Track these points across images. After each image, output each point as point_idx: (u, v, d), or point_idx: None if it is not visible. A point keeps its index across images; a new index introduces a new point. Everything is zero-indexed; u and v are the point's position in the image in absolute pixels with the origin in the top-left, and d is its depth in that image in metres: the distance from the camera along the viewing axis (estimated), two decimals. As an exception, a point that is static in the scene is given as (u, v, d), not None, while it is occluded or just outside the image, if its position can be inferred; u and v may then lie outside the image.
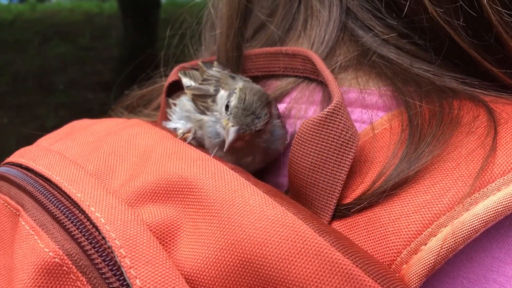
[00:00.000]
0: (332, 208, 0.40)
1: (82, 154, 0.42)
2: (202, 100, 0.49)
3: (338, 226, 0.40)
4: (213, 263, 0.33)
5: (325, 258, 0.32)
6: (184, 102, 0.51)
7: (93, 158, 0.41)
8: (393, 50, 0.47)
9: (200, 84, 0.51)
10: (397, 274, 0.35)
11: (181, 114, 0.51)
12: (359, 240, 0.38)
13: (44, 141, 0.47)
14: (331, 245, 0.32)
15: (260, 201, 0.34)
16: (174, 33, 0.64)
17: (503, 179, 0.35)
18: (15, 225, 0.37)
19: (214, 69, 0.53)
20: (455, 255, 0.35)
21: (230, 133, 0.43)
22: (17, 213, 0.38)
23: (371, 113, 0.45)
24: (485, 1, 0.42)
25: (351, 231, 0.38)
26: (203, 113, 0.49)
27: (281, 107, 0.51)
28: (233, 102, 0.45)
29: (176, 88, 0.55)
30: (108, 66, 7.51)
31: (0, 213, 0.39)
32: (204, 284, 0.33)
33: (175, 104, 0.52)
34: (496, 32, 0.43)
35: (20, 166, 0.42)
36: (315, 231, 0.33)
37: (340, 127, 0.40)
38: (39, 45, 8.42)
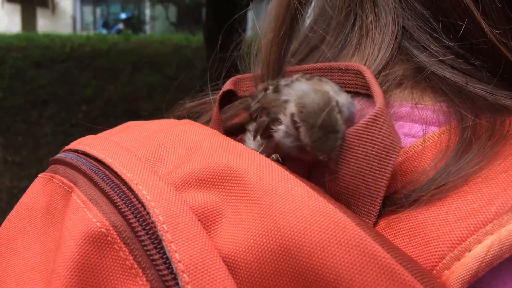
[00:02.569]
0: (375, 214, 0.40)
1: (134, 145, 0.44)
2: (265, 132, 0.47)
3: (379, 229, 0.40)
4: (252, 247, 0.33)
5: (364, 249, 0.32)
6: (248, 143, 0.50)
7: (143, 148, 0.43)
8: (448, 69, 0.46)
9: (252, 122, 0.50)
10: (438, 280, 0.35)
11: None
12: (399, 244, 0.38)
13: (102, 135, 0.50)
14: (371, 238, 0.32)
15: (302, 192, 0.35)
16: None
17: None
18: (68, 201, 0.39)
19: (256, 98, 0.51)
20: (501, 271, 0.35)
21: None
22: (70, 190, 0.40)
23: (423, 127, 0.44)
24: None
25: (393, 235, 0.38)
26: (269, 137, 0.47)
27: None
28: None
29: (229, 100, 0.55)
30: (190, 95, 7.78)
31: (54, 192, 0.42)
32: (241, 267, 0.33)
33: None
34: None
35: (77, 151, 0.45)
36: (355, 224, 0.33)
37: (382, 133, 0.39)
38: (131, 74, 8.96)
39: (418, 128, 0.45)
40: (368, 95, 0.46)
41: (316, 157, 0.41)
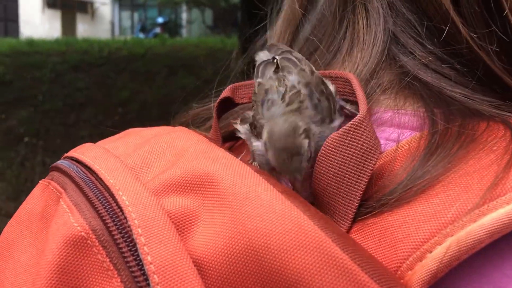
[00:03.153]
0: (351, 216, 0.42)
1: (126, 152, 0.47)
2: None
3: (354, 232, 0.42)
4: (222, 249, 0.35)
5: (323, 251, 0.34)
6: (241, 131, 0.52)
7: (134, 154, 0.46)
8: (430, 74, 0.48)
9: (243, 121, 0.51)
10: (401, 281, 0.36)
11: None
12: (370, 246, 0.39)
13: (101, 143, 0.53)
14: (332, 241, 0.34)
15: (270, 197, 0.37)
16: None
17: None
18: (57, 206, 0.42)
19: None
20: (465, 271, 0.36)
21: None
22: (60, 196, 0.43)
23: (399, 132, 0.46)
24: None
25: (365, 238, 0.40)
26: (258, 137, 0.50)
27: None
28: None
29: (228, 107, 0.57)
30: (196, 101, 7.83)
31: (49, 198, 0.45)
32: (211, 268, 0.35)
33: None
34: None
35: (71, 158, 0.47)
36: (319, 228, 0.35)
37: (362, 139, 0.42)
38: (166, 77, 9.07)
39: (397, 133, 0.46)
40: (356, 102, 0.47)
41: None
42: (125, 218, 0.37)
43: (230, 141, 0.60)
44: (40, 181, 0.49)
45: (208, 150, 0.44)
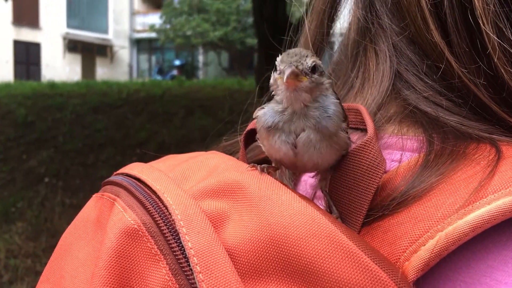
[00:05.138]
0: (360, 223, 0.49)
1: (167, 169, 0.56)
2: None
3: (361, 235, 0.49)
4: (249, 240, 0.42)
5: (333, 239, 0.41)
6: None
7: (174, 170, 0.55)
8: (429, 105, 0.56)
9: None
10: (400, 269, 0.43)
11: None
12: (375, 245, 0.47)
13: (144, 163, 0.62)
14: (341, 232, 0.41)
15: (289, 198, 0.44)
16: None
17: (494, 196, 0.42)
18: (111, 209, 0.50)
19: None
20: (456, 263, 0.43)
21: (286, 71, 0.50)
22: (114, 201, 0.51)
23: (401, 154, 0.55)
24: (499, 64, 0.51)
25: (371, 238, 0.48)
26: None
27: None
28: (279, 58, 0.52)
29: (253, 139, 0.63)
30: (227, 135, 7.83)
31: (103, 206, 0.53)
32: (241, 255, 0.42)
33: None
34: (509, 87, 0.52)
35: (122, 174, 0.57)
36: (330, 222, 0.42)
37: (370, 157, 0.50)
38: (184, 117, 9.19)
39: (401, 154, 0.55)
40: (366, 130, 0.54)
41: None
42: (170, 214, 0.46)
43: None
44: (93, 195, 0.57)
45: (237, 165, 0.54)
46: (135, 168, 0.56)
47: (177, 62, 24.27)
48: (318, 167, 0.54)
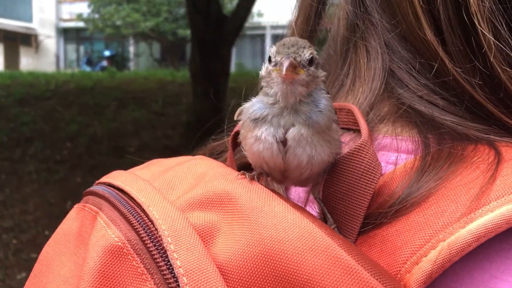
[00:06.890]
0: (356, 231, 0.47)
1: (152, 177, 0.53)
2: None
3: (358, 244, 0.47)
4: (241, 255, 0.40)
5: (330, 254, 0.39)
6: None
7: (159, 179, 0.52)
8: (424, 104, 0.54)
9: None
10: (401, 282, 0.41)
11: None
12: (373, 255, 0.45)
13: (128, 171, 0.59)
14: (338, 246, 0.39)
15: (283, 209, 0.42)
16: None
17: (497, 202, 0.41)
18: (94, 224, 0.48)
19: None
20: (458, 274, 0.41)
21: (284, 63, 0.47)
22: (96, 214, 0.48)
23: (397, 156, 0.52)
24: (495, 62, 0.49)
25: (368, 248, 0.46)
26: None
27: None
28: (273, 49, 0.49)
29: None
30: (177, 131, 7.84)
31: (85, 218, 0.50)
32: (232, 271, 0.40)
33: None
34: (506, 87, 0.50)
35: (104, 183, 0.54)
36: (326, 234, 0.40)
37: (365, 161, 0.48)
38: (116, 110, 8.96)
39: (396, 156, 0.53)
40: (358, 130, 0.53)
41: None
42: (156, 229, 0.43)
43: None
44: (74, 206, 0.55)
45: (225, 173, 0.50)
46: (117, 177, 0.53)
47: (107, 53, 23.47)
48: (309, 171, 0.50)
